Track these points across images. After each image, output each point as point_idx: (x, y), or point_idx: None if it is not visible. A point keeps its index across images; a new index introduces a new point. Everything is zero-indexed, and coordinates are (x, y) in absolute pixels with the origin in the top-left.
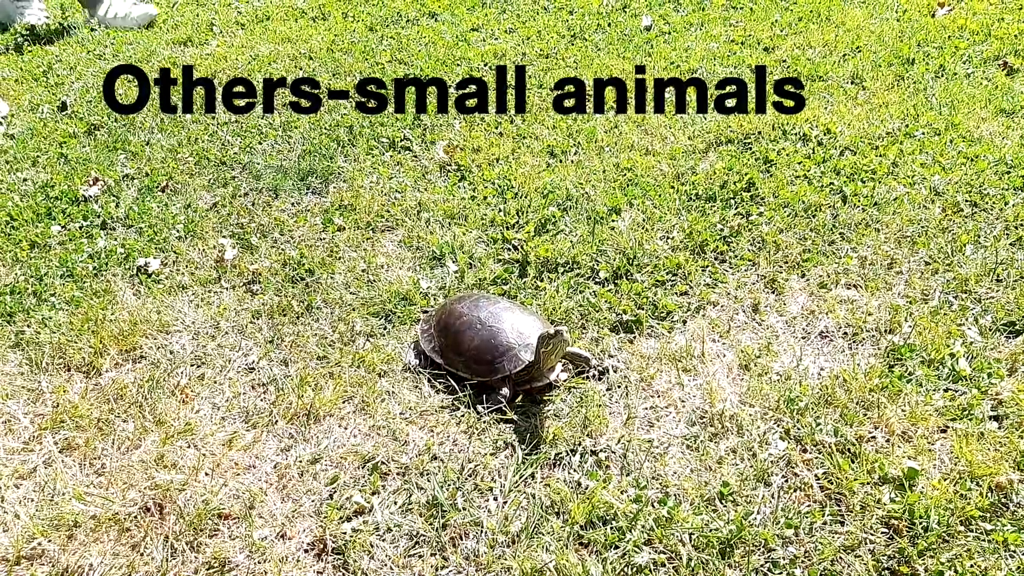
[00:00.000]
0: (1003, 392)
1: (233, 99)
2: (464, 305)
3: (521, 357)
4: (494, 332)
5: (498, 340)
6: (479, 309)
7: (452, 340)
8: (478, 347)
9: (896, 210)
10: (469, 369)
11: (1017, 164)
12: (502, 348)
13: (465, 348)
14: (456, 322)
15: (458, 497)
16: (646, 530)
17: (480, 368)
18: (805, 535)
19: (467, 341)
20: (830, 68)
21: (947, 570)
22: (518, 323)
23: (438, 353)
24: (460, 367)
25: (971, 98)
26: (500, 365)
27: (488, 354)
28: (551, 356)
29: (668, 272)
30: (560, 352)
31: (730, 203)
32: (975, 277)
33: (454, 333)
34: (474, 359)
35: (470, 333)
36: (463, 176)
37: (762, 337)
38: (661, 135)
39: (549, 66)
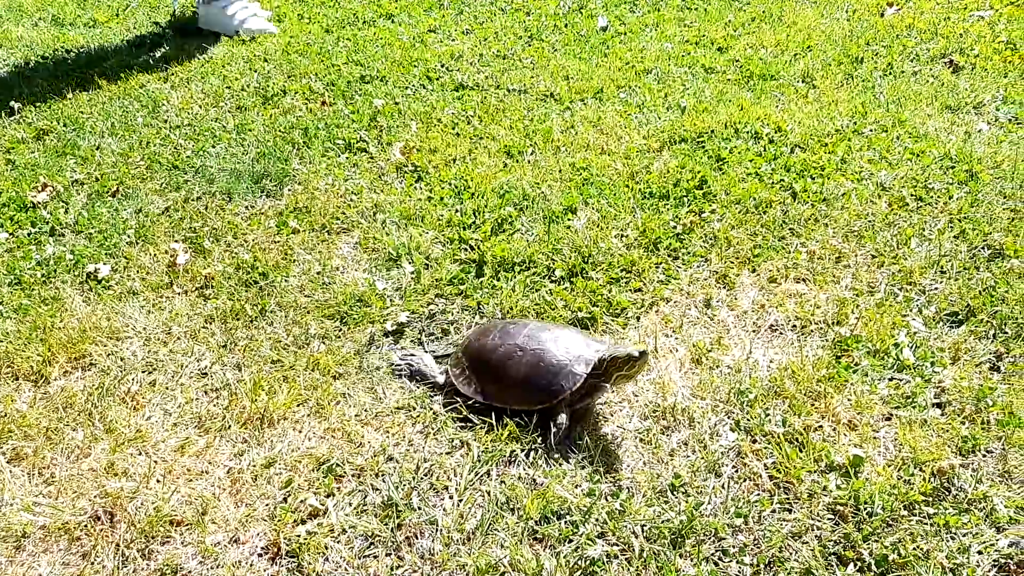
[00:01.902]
0: (945, 380)
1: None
2: (493, 337)
3: (576, 372)
4: (539, 354)
5: (548, 361)
6: (512, 336)
7: (496, 375)
8: (527, 374)
9: (844, 205)
10: (524, 399)
11: (961, 159)
12: (554, 368)
13: (513, 378)
14: (493, 356)
15: (413, 497)
16: (600, 523)
17: (537, 395)
18: (754, 523)
19: (513, 371)
20: (782, 67)
21: (891, 553)
22: (560, 339)
23: (481, 394)
24: (513, 400)
25: (917, 95)
26: (557, 387)
27: (542, 378)
28: (627, 379)
29: (622, 269)
30: (637, 375)
31: (683, 201)
32: (920, 269)
33: (496, 367)
34: (527, 387)
35: (513, 362)
36: (420, 177)
37: (713, 331)
38: (616, 135)
39: (506, 67)
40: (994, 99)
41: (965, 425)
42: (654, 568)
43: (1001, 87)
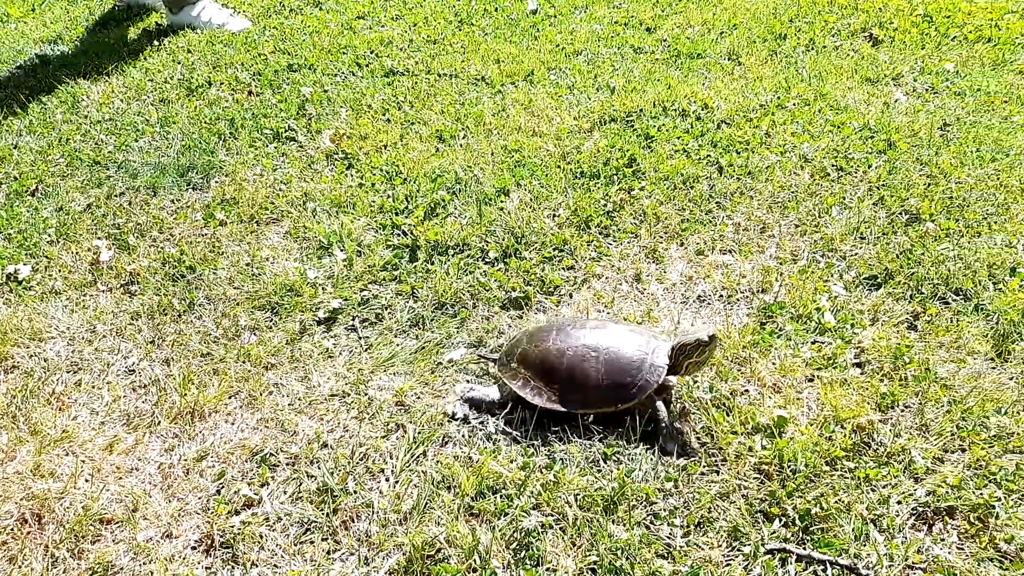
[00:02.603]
0: (865, 341)
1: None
2: (554, 341)
3: (658, 364)
4: (616, 352)
5: (627, 357)
6: (575, 337)
7: (571, 379)
8: (608, 372)
9: (768, 178)
10: (608, 400)
11: (880, 129)
12: (635, 363)
13: (595, 380)
14: (564, 360)
15: (349, 481)
16: (534, 495)
17: (622, 393)
18: (684, 486)
19: (592, 372)
20: (708, 46)
21: (813, 507)
22: (626, 334)
23: (558, 402)
24: (597, 403)
25: (839, 69)
26: (644, 381)
27: (625, 376)
28: (700, 366)
29: (555, 248)
30: (710, 359)
31: (613, 179)
32: (840, 236)
33: (568, 371)
34: (611, 386)
35: (590, 364)
36: (350, 164)
37: (644, 305)
38: (547, 116)
39: (437, 52)
40: (912, 70)
41: (884, 382)
42: (588, 535)
43: (919, 59)
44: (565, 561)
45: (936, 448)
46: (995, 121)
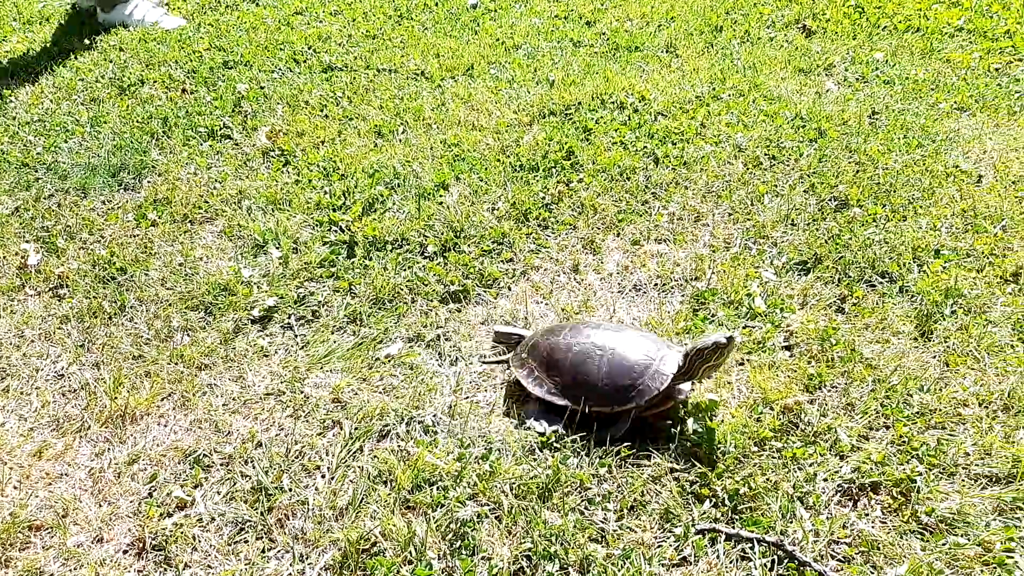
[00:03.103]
0: (794, 324)
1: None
2: (564, 336)
3: (663, 372)
4: (622, 354)
5: (631, 360)
6: (586, 334)
7: (573, 374)
8: (610, 373)
9: (703, 168)
10: (606, 400)
11: (811, 118)
12: (639, 367)
13: (595, 379)
14: (569, 354)
15: (284, 479)
16: (471, 486)
17: (620, 395)
18: (617, 471)
19: (595, 370)
20: (646, 39)
21: (742, 487)
22: (637, 339)
23: (557, 393)
24: (593, 401)
25: (773, 60)
26: (645, 386)
27: (626, 378)
28: (716, 369)
29: (494, 241)
30: (725, 362)
31: (552, 172)
32: (772, 223)
33: (572, 365)
34: (609, 388)
35: (593, 362)
36: (287, 161)
37: (581, 295)
38: (487, 110)
39: (376, 47)
40: (843, 60)
41: (811, 364)
42: (523, 523)
43: (850, 48)
44: (500, 549)
45: (861, 426)
46: (922, 108)
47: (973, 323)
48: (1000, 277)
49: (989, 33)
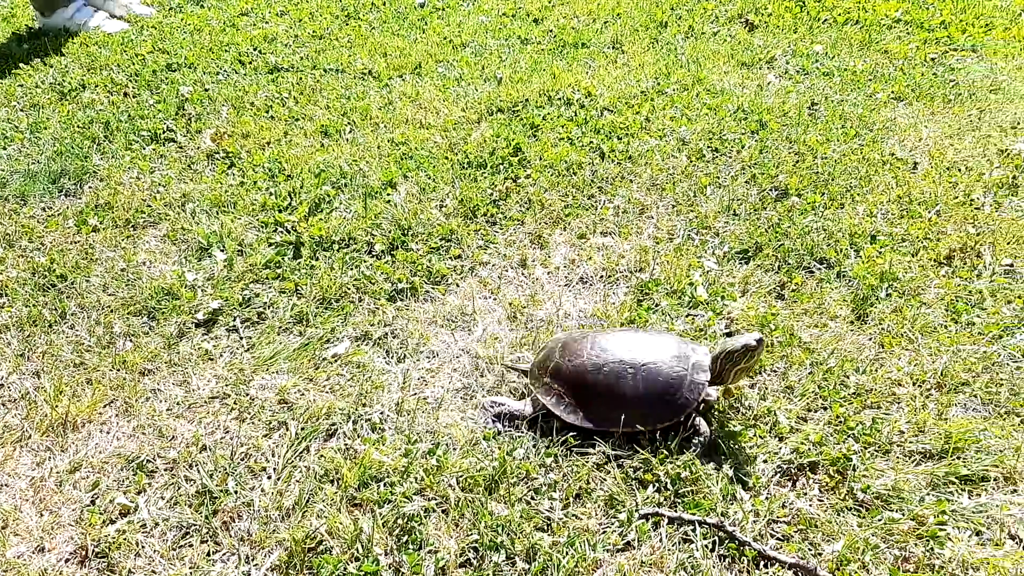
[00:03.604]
0: (734, 311)
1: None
2: (587, 355)
3: (698, 381)
4: (654, 369)
5: (665, 374)
6: (610, 351)
7: (608, 397)
8: (647, 391)
9: (648, 161)
10: (646, 419)
11: (753, 110)
12: (675, 381)
13: (632, 398)
14: (600, 377)
15: (229, 482)
16: (417, 481)
17: (662, 412)
18: (563, 461)
19: (630, 390)
20: (593, 35)
21: (683, 471)
22: (664, 347)
23: (593, 420)
24: (635, 422)
25: (716, 54)
26: (684, 399)
27: (665, 394)
28: (747, 372)
29: (442, 238)
30: (755, 365)
31: (499, 168)
32: (714, 214)
33: (606, 389)
34: (650, 405)
35: (627, 382)
36: (232, 163)
37: (529, 289)
38: (435, 108)
39: (323, 47)
40: (785, 53)
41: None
42: (469, 515)
43: (791, 42)
44: (447, 542)
45: (800, 408)
46: (860, 99)
47: (907, 305)
48: (934, 260)
49: (926, 24)
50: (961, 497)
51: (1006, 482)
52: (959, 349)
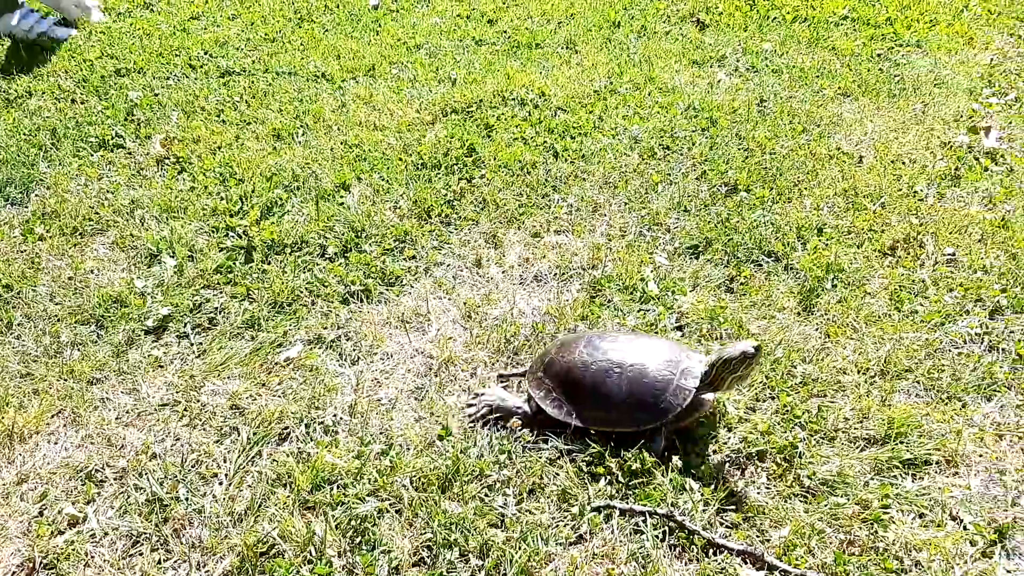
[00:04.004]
0: (684, 305)
1: None
2: (580, 352)
3: (685, 386)
4: (641, 370)
5: (651, 377)
6: (602, 350)
7: (592, 396)
8: (631, 392)
9: (601, 160)
10: (629, 421)
11: (704, 108)
12: (660, 384)
13: (615, 399)
14: (587, 374)
15: (180, 489)
16: (371, 482)
17: (644, 416)
18: (517, 457)
19: (614, 390)
20: (547, 36)
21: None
22: (657, 350)
23: (576, 417)
24: (615, 423)
25: (668, 53)
26: (667, 403)
27: (647, 396)
28: (743, 380)
29: (396, 240)
30: (752, 374)
31: (454, 169)
32: (665, 211)
33: (591, 387)
34: (631, 408)
35: (612, 381)
36: (183, 168)
37: (484, 289)
38: (389, 110)
39: (275, 50)
40: (735, 51)
41: (701, 343)
42: (423, 514)
43: (741, 40)
44: (401, 542)
45: (748, 398)
46: (808, 95)
47: (852, 296)
48: (878, 251)
49: (872, 20)
50: (904, 481)
51: (948, 465)
52: (902, 337)
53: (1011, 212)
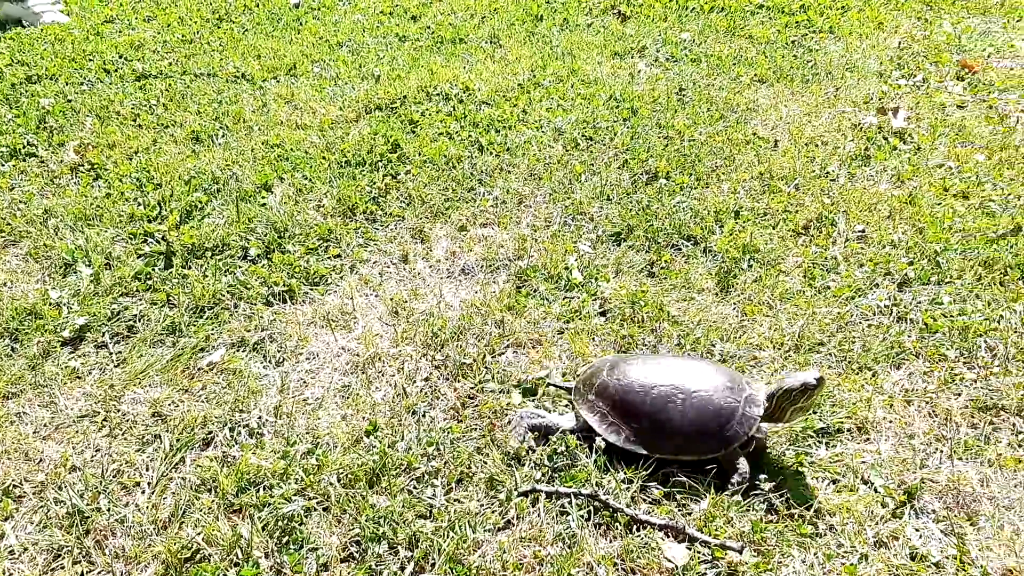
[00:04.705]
0: (607, 291)
1: None
2: (639, 376)
3: (751, 415)
4: (706, 398)
5: (716, 404)
6: (662, 375)
7: (652, 420)
8: (696, 419)
9: (525, 152)
10: (694, 448)
11: (625, 98)
12: (726, 412)
13: (679, 426)
14: (647, 399)
15: (101, 500)
16: (297, 481)
17: (708, 443)
18: (445, 449)
19: (677, 416)
20: (471, 31)
21: (560, 447)
22: (717, 377)
23: (635, 443)
24: (679, 449)
25: (590, 45)
26: (733, 432)
27: (714, 424)
28: (805, 411)
29: (320, 239)
30: (815, 405)
31: (378, 166)
32: (588, 200)
33: (652, 411)
34: (697, 435)
35: (676, 407)
36: (98, 175)
37: (411, 284)
38: (311, 109)
39: (193, 51)
40: (655, 42)
41: (623, 326)
42: (351, 510)
43: (661, 31)
44: (329, 539)
45: None
46: (726, 82)
47: (768, 274)
48: (792, 231)
49: (787, 8)
50: (818, 449)
51: (859, 432)
52: (815, 312)
53: (917, 188)
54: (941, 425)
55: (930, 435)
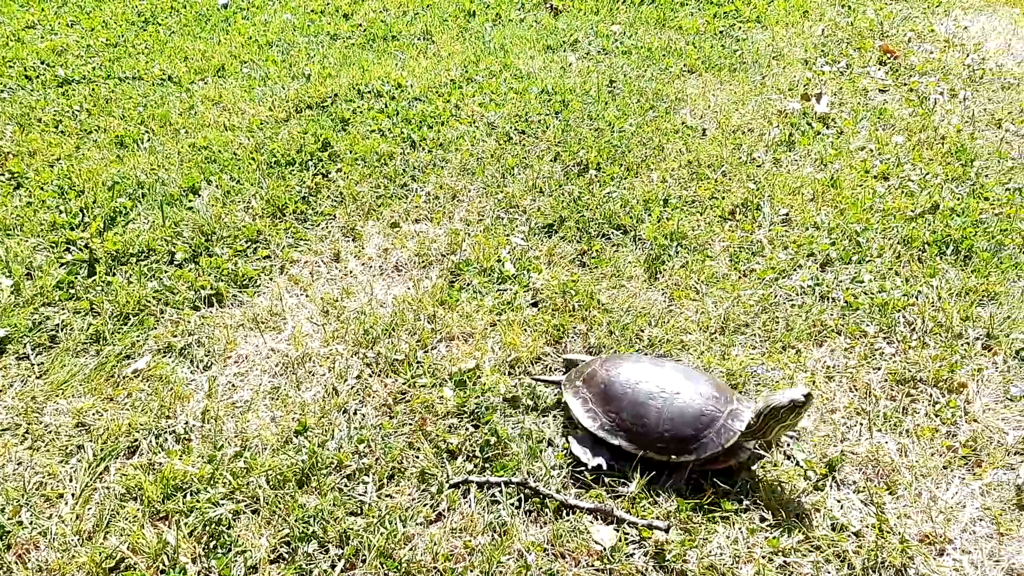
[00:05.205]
0: (539, 282)
1: None
2: (627, 371)
3: (731, 428)
4: (688, 401)
5: (696, 409)
6: (651, 375)
7: (631, 413)
8: (673, 420)
9: (458, 147)
10: (664, 448)
11: (557, 91)
12: (706, 419)
13: (655, 423)
14: (629, 391)
15: (23, 514)
16: (225, 485)
17: (681, 445)
18: (377, 446)
19: (655, 415)
20: (403, 27)
21: (491, 437)
22: (704, 387)
23: (610, 431)
24: (649, 446)
25: (522, 40)
26: (708, 440)
27: (690, 428)
28: (790, 430)
29: (249, 240)
30: (800, 421)
31: (308, 165)
32: (521, 193)
33: (631, 404)
34: (671, 436)
35: (653, 404)
36: (18, 184)
37: (342, 283)
38: (240, 110)
39: (118, 55)
40: (587, 35)
41: (555, 316)
42: (281, 511)
43: (593, 24)
44: (258, 541)
45: None
46: (655, 73)
47: (695, 260)
48: (719, 217)
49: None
50: None
51: None
52: (740, 295)
53: (840, 171)
54: (861, 399)
55: (851, 409)
